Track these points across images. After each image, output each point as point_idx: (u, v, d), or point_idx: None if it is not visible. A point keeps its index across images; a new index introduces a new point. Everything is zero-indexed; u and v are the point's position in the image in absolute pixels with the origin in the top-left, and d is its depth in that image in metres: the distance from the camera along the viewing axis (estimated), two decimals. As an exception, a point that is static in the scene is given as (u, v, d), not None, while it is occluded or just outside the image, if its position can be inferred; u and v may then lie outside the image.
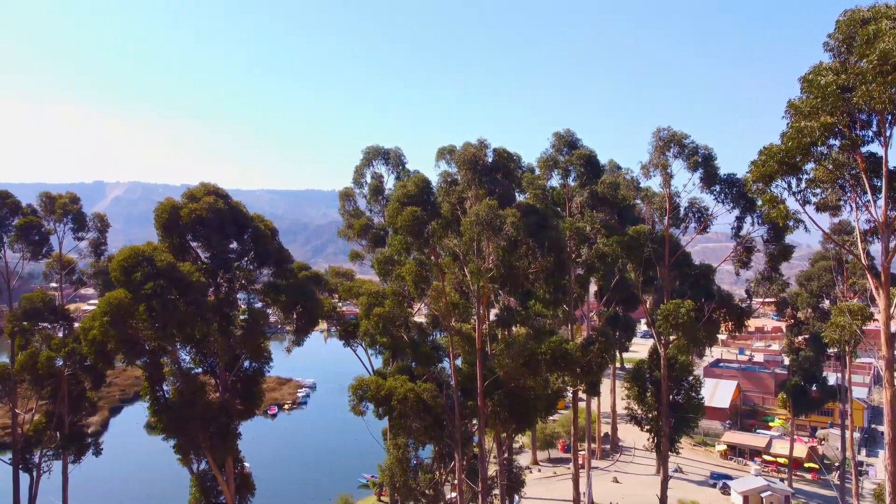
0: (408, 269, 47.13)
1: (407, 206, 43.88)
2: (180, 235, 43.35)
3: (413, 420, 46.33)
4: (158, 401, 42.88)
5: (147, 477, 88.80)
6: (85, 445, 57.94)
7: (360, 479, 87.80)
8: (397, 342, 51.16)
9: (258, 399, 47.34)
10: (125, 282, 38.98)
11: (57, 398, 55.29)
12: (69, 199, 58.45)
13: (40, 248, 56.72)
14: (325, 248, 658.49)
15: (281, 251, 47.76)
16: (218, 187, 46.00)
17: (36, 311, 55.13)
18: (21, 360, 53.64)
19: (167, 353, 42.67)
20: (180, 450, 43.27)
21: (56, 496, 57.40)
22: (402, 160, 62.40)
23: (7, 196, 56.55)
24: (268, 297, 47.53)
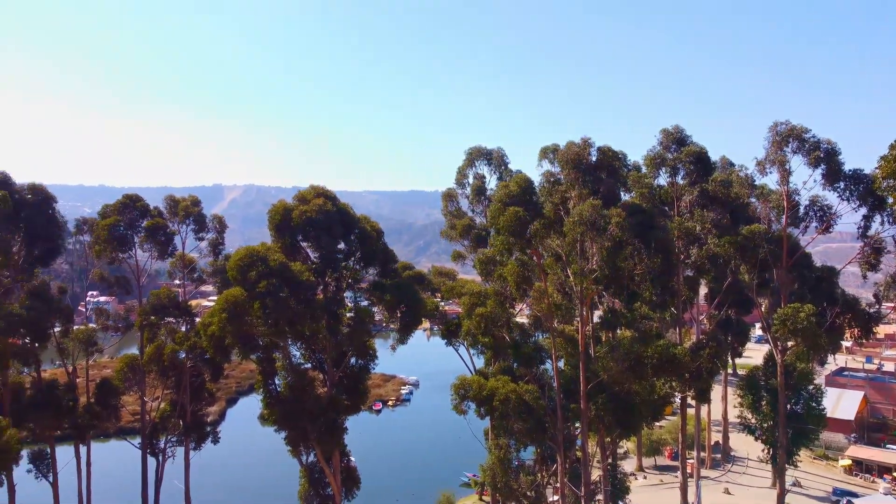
0: (510, 270, 47.00)
1: (509, 206, 43.77)
2: (292, 236, 45.24)
3: (515, 421, 46.15)
4: (271, 394, 45.00)
5: (260, 466, 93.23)
6: (204, 433, 61.52)
7: (463, 477, 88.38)
8: (499, 342, 51.12)
9: (364, 395, 48.69)
10: (241, 280, 41.14)
11: (180, 388, 58.98)
12: (191, 202, 62.16)
13: (166, 247, 60.64)
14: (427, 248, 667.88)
15: (386, 251, 48.87)
16: (326, 189, 47.65)
17: (162, 306, 59.03)
18: (149, 351, 57.64)
19: (279, 349, 44.68)
20: (290, 441, 45.20)
21: (179, 479, 61.31)
22: (504, 160, 62.30)
23: (138, 200, 60.89)
24: (373, 295, 48.78)
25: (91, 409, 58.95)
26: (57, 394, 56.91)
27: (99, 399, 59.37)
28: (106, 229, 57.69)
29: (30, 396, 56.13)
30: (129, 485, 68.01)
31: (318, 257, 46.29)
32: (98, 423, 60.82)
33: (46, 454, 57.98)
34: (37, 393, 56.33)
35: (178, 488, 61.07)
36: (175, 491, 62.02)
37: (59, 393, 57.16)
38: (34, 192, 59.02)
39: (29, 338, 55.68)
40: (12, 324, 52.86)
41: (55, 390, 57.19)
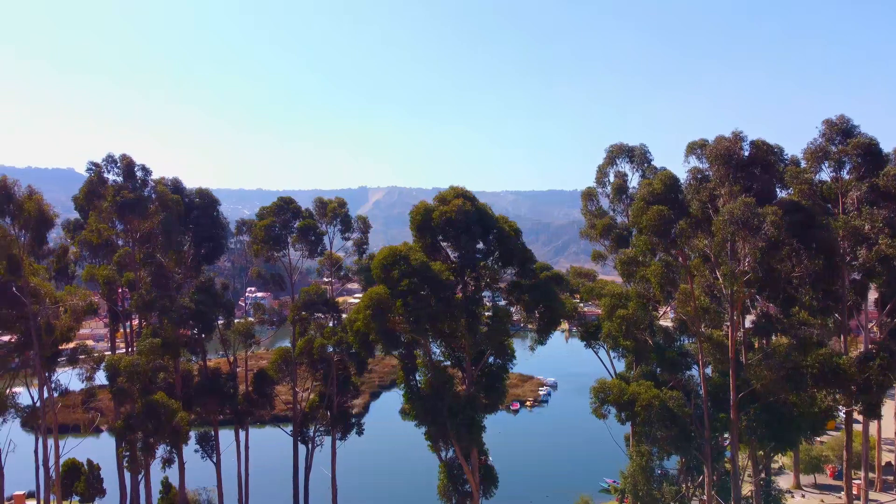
0: (653, 271, 45.29)
1: (652, 204, 42.21)
2: (432, 236, 46.25)
3: (657, 428, 44.44)
4: (412, 389, 46.30)
5: (401, 459, 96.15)
6: (350, 425, 64.38)
7: (602, 483, 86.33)
8: (641, 346, 49.42)
9: (502, 394, 48.83)
10: (384, 278, 42.66)
11: (328, 380, 62.09)
12: (338, 204, 65.25)
13: (315, 246, 64.08)
14: (566, 249, 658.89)
15: (524, 251, 48.73)
16: (465, 190, 48.27)
17: (312, 302, 62.42)
18: (300, 345, 61.20)
19: (420, 346, 45.85)
20: (430, 437, 46.25)
21: (326, 467, 64.56)
22: (647, 157, 60.17)
23: (291, 202, 64.85)
24: (511, 295, 48.83)
25: (249, 397, 63.52)
26: (220, 381, 61.90)
27: (256, 388, 63.81)
28: (263, 230, 61.88)
29: (197, 383, 61.42)
30: (281, 469, 72.39)
31: (457, 257, 46.99)
32: (255, 410, 65.44)
33: (211, 436, 63.16)
34: (203, 380, 61.55)
35: (325, 475, 64.30)
36: (323, 478, 65.34)
37: (222, 381, 62.17)
38: (201, 196, 64.58)
39: (197, 329, 60.95)
40: (183, 316, 58.12)
41: (219, 378, 62.23)
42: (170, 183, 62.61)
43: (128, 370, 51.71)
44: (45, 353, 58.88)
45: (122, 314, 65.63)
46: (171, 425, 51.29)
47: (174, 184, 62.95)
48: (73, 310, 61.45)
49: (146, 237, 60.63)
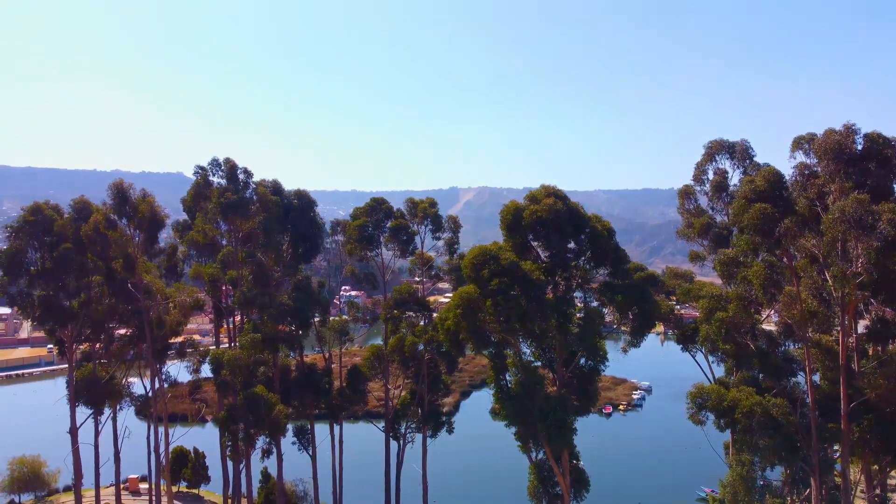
0: (755, 272, 43.21)
1: (755, 202, 40.32)
2: (522, 235, 45.99)
3: (759, 437, 42.39)
4: (502, 389, 46.17)
5: (491, 458, 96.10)
6: (440, 422, 64.95)
7: (699, 491, 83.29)
8: (742, 350, 47.29)
9: (593, 396, 48.00)
10: (474, 278, 42.77)
11: (419, 378, 62.88)
12: (429, 204, 65.96)
13: (407, 246, 65.03)
14: (662, 249, 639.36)
15: (617, 251, 47.68)
16: (557, 189, 47.71)
17: (403, 301, 63.38)
18: (392, 343, 62.30)
19: (510, 346, 45.68)
20: (520, 437, 45.97)
21: (417, 463, 65.42)
22: (749, 153, 57.50)
23: (383, 202, 66.11)
24: (604, 296, 47.87)
25: (343, 393, 65.24)
26: (316, 376, 63.86)
27: (350, 384, 65.46)
28: (356, 230, 63.40)
29: (294, 377, 63.65)
30: (374, 464, 73.93)
31: (548, 256, 46.52)
32: (349, 405, 67.14)
33: (307, 429, 65.26)
34: (300, 375, 63.71)
35: (416, 471, 65.16)
36: (414, 474, 66.24)
37: (317, 376, 64.11)
38: (299, 197, 66.86)
39: (294, 325, 63.16)
40: (282, 313, 60.37)
41: (315, 373, 64.22)
42: (270, 185, 65.19)
43: (230, 364, 54.20)
44: (157, 346, 62.70)
45: (226, 310, 68.84)
46: (270, 417, 53.35)
47: (274, 186, 65.50)
48: (181, 306, 65.15)
49: (248, 237, 63.36)
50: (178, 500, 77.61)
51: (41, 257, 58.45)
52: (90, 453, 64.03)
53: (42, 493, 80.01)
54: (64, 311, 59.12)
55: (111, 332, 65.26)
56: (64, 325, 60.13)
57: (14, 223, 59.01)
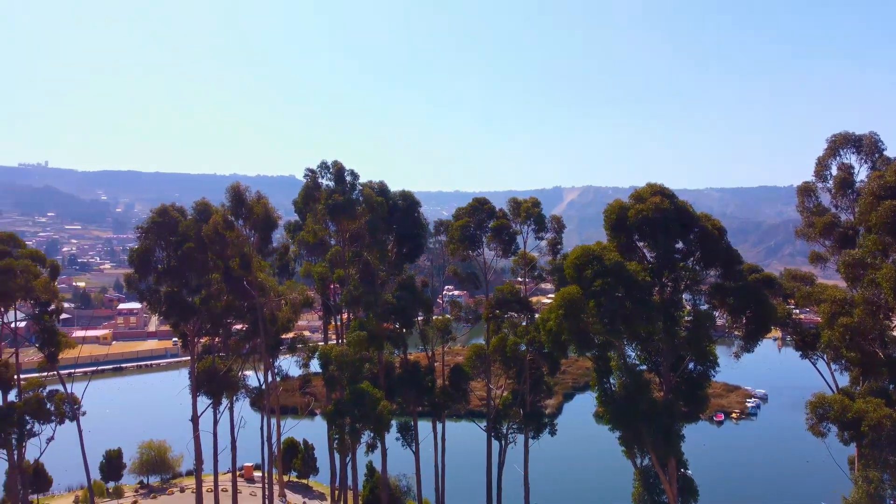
0: (885, 274, 40.10)
1: (884, 199, 37.49)
2: (627, 235, 44.83)
3: (889, 452, 39.31)
4: (605, 392, 45.21)
5: (594, 462, 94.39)
6: (542, 424, 64.40)
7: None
8: (869, 358, 43.99)
9: (702, 403, 46.14)
10: (577, 278, 42.10)
11: (521, 379, 62.60)
12: (532, 204, 65.49)
13: (509, 246, 64.87)
14: (779, 250, 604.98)
15: (729, 251, 45.58)
16: (664, 187, 46.18)
17: (505, 301, 63.31)
18: (494, 342, 62.39)
19: (614, 348, 44.64)
20: (624, 442, 44.85)
21: (519, 464, 65.13)
22: (878, 147, 53.28)
23: (485, 202, 66.30)
24: (714, 298, 45.89)
25: (446, 391, 65.98)
26: (419, 374, 64.93)
27: (452, 382, 66.11)
28: (458, 230, 63.93)
29: (399, 374, 64.99)
30: (475, 463, 74.38)
31: (654, 257, 45.10)
32: (451, 403, 67.80)
33: (410, 426, 66.47)
34: (404, 372, 64.97)
35: (518, 472, 64.93)
36: (516, 475, 66.06)
37: (421, 373, 65.16)
38: (404, 198, 68.23)
39: (399, 323, 64.48)
40: (387, 311, 61.81)
41: (418, 371, 65.29)
42: (375, 186, 66.91)
43: (338, 360, 56.01)
44: (270, 341, 65.75)
45: (334, 308, 71.21)
46: (375, 413, 54.71)
47: (379, 187, 67.17)
48: (292, 303, 68.05)
49: (354, 237, 65.29)
50: (288, 488, 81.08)
51: (167, 256, 62.56)
52: (209, 441, 67.98)
53: (167, 476, 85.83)
54: (187, 306, 63.06)
55: (229, 327, 68.98)
56: (187, 319, 64.14)
57: (143, 224, 63.47)
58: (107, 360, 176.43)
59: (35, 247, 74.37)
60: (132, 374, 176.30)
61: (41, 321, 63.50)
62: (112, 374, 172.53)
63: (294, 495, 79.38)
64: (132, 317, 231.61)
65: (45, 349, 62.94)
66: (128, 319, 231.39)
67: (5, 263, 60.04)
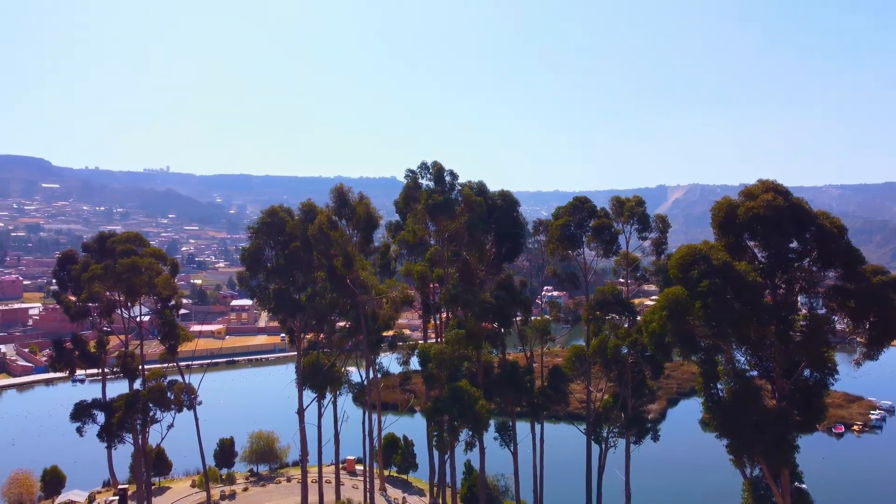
0: None
1: None
2: (736, 234, 42.81)
3: None
4: (712, 398, 43.36)
5: (700, 471, 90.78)
6: (644, 429, 62.55)
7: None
8: None
9: (819, 413, 43.34)
10: (682, 279, 40.62)
11: (622, 382, 61.11)
12: (635, 203, 63.81)
13: (610, 246, 63.47)
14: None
15: (850, 251, 42.59)
16: (777, 184, 43.76)
17: (606, 302, 62.00)
18: (594, 344, 61.21)
19: (722, 352, 42.77)
20: (732, 451, 42.87)
21: (620, 469, 63.58)
22: None
23: (586, 201, 65.19)
24: (833, 301, 42.98)
25: (545, 392, 65.33)
26: (518, 374, 64.58)
27: (551, 383, 65.39)
28: (558, 229, 63.18)
29: (497, 374, 64.95)
30: (575, 465, 73.17)
31: (765, 257, 42.80)
32: (550, 404, 67.08)
33: (508, 426, 66.26)
34: (502, 371, 64.86)
35: (619, 477, 63.43)
36: (616, 479, 64.56)
37: (519, 374, 64.81)
38: (502, 197, 68.16)
39: (497, 323, 64.47)
40: (485, 310, 61.93)
41: (516, 371, 64.96)
42: (474, 186, 67.21)
43: (437, 358, 56.68)
44: (371, 339, 67.42)
45: (433, 306, 72.12)
46: (474, 411, 54.95)
47: (478, 187, 67.42)
48: (393, 301, 69.49)
49: (454, 236, 65.82)
50: (388, 483, 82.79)
51: (275, 255, 65.45)
52: (314, 433, 70.51)
53: (275, 466, 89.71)
54: (293, 303, 65.67)
55: (332, 324, 71.25)
56: (293, 316, 66.79)
57: (254, 224, 66.70)
58: (221, 354, 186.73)
59: (158, 246, 79.72)
60: (243, 367, 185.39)
61: (163, 315, 68.06)
62: (225, 367, 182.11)
63: (394, 490, 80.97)
64: (244, 313, 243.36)
65: (167, 342, 67.39)
66: (240, 315, 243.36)
67: (131, 261, 64.81)
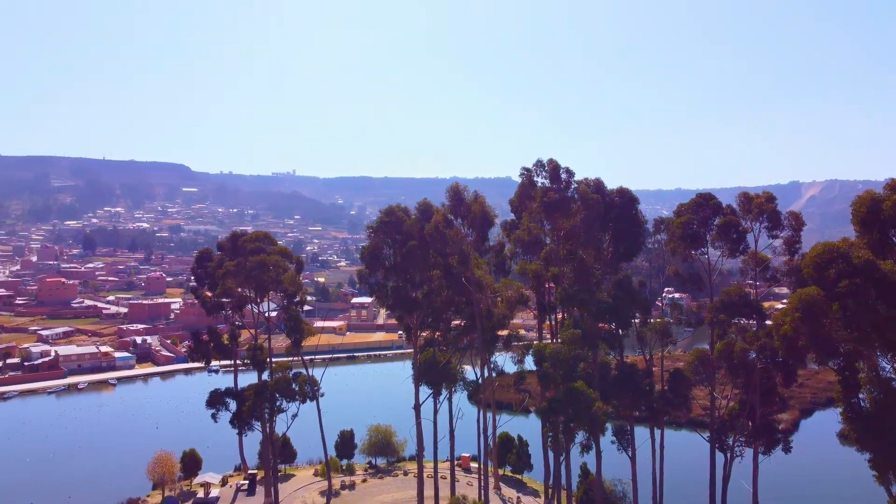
0: None
1: None
2: (880, 230, 39.56)
3: None
4: (852, 409, 40.26)
5: (837, 486, 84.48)
6: (774, 439, 58.94)
7: None
8: None
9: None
10: (818, 278, 38.01)
11: (749, 388, 57.90)
12: (765, 199, 60.23)
13: (737, 245, 60.27)
14: None
15: None
16: (930, 176, 39.97)
17: (732, 304, 58.93)
18: (719, 348, 58.34)
19: (863, 358, 39.58)
20: (875, 466, 39.65)
21: (746, 480, 60.28)
22: None
23: (710, 198, 62.25)
24: None
25: (665, 396, 63.04)
26: (636, 377, 62.72)
27: (672, 388, 62.99)
28: (680, 227, 60.74)
29: (614, 376, 63.42)
30: (697, 475, 70.18)
31: (915, 256, 39.24)
32: (670, 410, 64.67)
33: (627, 430, 64.48)
34: (620, 374, 63.24)
35: (745, 489, 60.18)
36: (743, 491, 61.34)
37: (637, 377, 62.91)
38: (620, 195, 66.46)
39: (614, 324, 62.93)
40: (602, 310, 60.67)
41: (635, 374, 63.12)
42: (591, 184, 65.95)
43: (552, 357, 56.11)
44: (486, 337, 67.65)
45: (548, 306, 71.40)
46: (590, 413, 53.94)
47: (595, 184, 66.08)
48: (507, 300, 69.43)
49: (569, 235, 64.91)
50: (503, 482, 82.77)
51: (393, 253, 67.15)
52: (430, 428, 71.69)
53: (392, 459, 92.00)
54: (410, 300, 67.09)
55: (448, 322, 72.16)
56: (410, 313, 68.23)
57: (373, 224, 68.77)
58: (341, 349, 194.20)
59: (284, 245, 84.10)
60: (363, 362, 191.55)
61: (288, 311, 71.59)
62: (346, 361, 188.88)
63: (509, 489, 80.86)
64: (363, 310, 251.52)
65: (292, 336, 70.80)
66: (360, 312, 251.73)
67: (259, 259, 68.64)
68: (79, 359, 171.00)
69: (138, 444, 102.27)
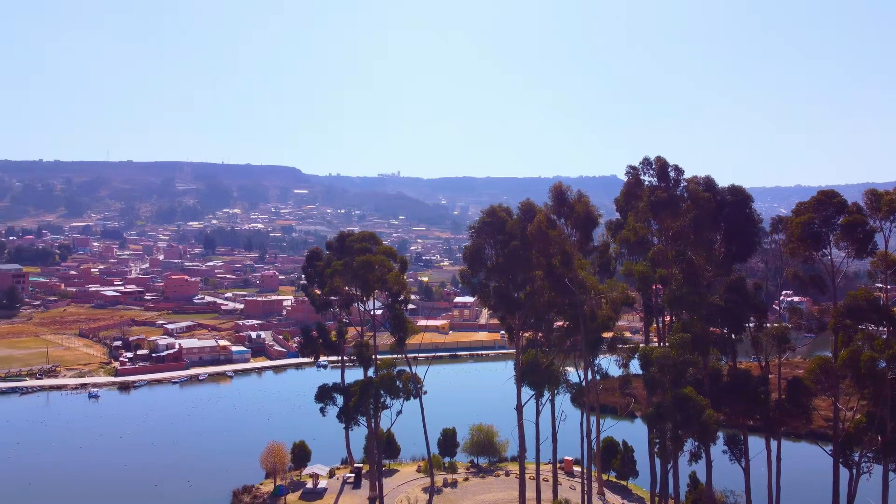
0: None
1: None
2: None
3: None
4: None
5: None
6: (907, 456, 54.45)
7: None
8: None
9: None
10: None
11: (878, 400, 53.75)
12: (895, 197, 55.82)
13: (864, 246, 56.15)
14: None
15: None
16: None
17: (859, 309, 54.95)
18: (843, 356, 54.47)
19: None
20: None
21: (874, 498, 55.98)
22: None
23: (834, 196, 58.25)
24: None
25: (782, 406, 59.57)
26: (750, 385, 59.56)
27: (789, 397, 59.46)
28: (799, 227, 57.27)
29: (726, 382, 60.51)
30: (817, 491, 65.96)
31: None
32: (788, 420, 61.03)
33: (739, 439, 61.44)
34: (732, 380, 60.29)
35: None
36: (870, 511, 57.04)
37: (752, 384, 59.73)
38: (733, 193, 63.37)
39: (726, 328, 60.10)
40: (712, 314, 58.13)
41: (749, 381, 59.97)
42: (701, 181, 63.27)
43: (659, 361, 54.28)
44: (589, 339, 66.35)
45: (655, 308, 69.17)
46: (700, 420, 51.78)
47: (706, 182, 63.35)
48: (612, 302, 67.82)
49: (678, 235, 62.56)
50: (607, 487, 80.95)
51: (495, 253, 67.15)
52: (532, 430, 71.16)
53: (494, 459, 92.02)
54: (512, 300, 66.85)
55: (550, 323, 71.35)
56: (512, 313, 67.99)
57: (475, 224, 69.03)
58: (444, 348, 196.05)
59: (389, 245, 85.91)
60: (465, 361, 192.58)
61: (393, 309, 73.10)
62: (448, 360, 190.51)
63: (613, 495, 79.01)
64: (466, 310, 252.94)
65: (396, 334, 72.30)
66: (462, 312, 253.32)
67: (365, 258, 70.48)
68: (200, 351, 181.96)
69: (252, 434, 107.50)
